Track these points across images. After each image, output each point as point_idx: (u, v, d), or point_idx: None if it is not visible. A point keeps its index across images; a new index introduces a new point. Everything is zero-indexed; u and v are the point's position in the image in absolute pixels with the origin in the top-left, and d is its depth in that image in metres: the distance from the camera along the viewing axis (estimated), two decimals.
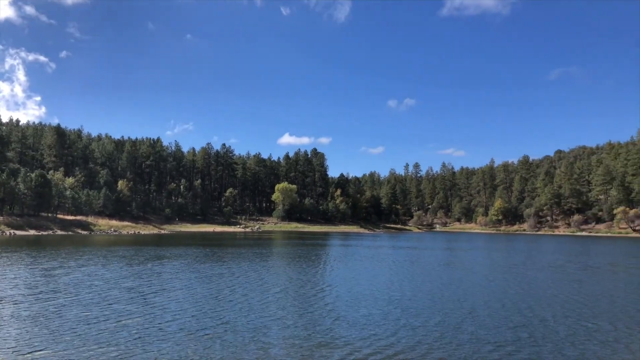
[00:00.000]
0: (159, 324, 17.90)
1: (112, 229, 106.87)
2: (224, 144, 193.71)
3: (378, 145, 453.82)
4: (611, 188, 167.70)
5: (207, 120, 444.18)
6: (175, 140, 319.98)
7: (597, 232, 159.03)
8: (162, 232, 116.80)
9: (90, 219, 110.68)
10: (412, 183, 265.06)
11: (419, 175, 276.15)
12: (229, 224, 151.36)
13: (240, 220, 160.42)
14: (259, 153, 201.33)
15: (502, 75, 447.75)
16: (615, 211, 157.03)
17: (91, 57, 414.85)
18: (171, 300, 22.92)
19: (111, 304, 21.38)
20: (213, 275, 32.28)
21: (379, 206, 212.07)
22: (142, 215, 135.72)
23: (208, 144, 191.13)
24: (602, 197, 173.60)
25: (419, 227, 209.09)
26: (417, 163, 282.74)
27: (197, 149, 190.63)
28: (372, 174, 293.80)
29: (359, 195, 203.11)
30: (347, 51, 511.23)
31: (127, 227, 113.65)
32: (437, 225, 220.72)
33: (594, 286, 30.58)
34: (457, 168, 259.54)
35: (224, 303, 22.45)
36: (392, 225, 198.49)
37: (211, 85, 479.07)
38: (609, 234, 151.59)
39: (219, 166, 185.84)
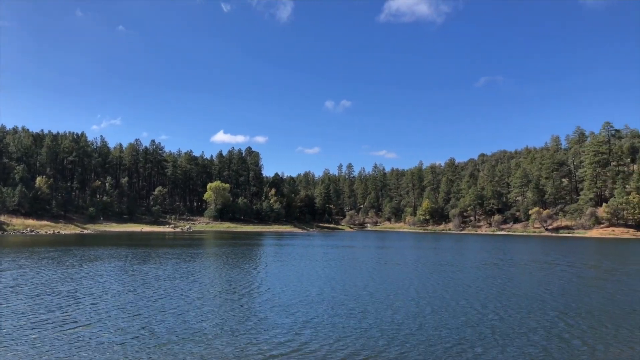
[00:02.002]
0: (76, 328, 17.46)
1: (29, 229, 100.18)
2: (153, 141, 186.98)
3: (314, 145, 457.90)
4: (527, 190, 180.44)
5: (137, 116, 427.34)
6: (101, 135, 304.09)
7: (514, 231, 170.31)
8: (85, 232, 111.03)
9: (3, 218, 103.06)
10: (346, 183, 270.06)
11: (352, 175, 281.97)
12: (158, 223, 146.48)
13: (170, 220, 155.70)
14: (191, 151, 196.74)
15: (434, 81, 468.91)
16: (530, 212, 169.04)
17: (13, 45, 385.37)
18: (92, 303, 22.27)
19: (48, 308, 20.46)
20: (135, 277, 31.53)
21: (312, 206, 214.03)
22: (62, 214, 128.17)
23: (137, 140, 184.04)
24: (519, 198, 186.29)
25: (351, 226, 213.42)
26: (350, 164, 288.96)
27: (125, 144, 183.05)
28: (306, 174, 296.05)
29: (293, 195, 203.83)
30: (287, 51, 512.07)
31: (45, 227, 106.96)
32: (369, 225, 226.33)
33: (529, 280, 33.17)
34: (388, 169, 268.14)
35: (146, 304, 22.15)
36: (325, 225, 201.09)
37: (142, 79, 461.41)
38: (524, 233, 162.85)
39: (147, 163, 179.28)
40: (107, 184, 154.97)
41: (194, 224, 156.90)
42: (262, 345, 15.53)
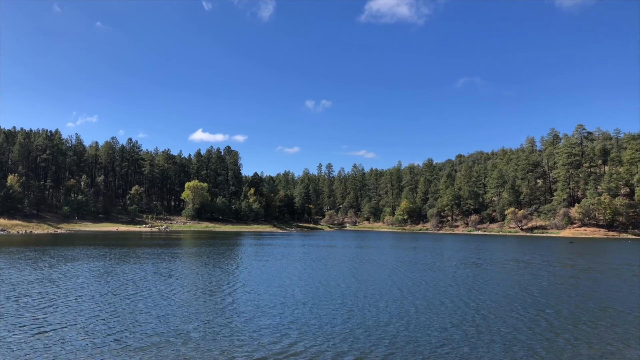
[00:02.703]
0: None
1: (0, 229, 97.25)
2: (130, 139, 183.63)
3: (294, 145, 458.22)
4: (503, 191, 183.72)
5: (114, 113, 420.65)
6: (77, 133, 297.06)
7: (490, 231, 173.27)
8: (59, 231, 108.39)
9: None
10: (325, 183, 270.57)
11: (331, 175, 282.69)
12: (135, 223, 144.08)
13: (147, 220, 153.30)
14: (169, 149, 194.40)
15: (413, 81, 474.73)
16: (506, 212, 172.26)
17: None
18: (70, 305, 21.66)
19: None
20: (114, 278, 30.85)
21: (292, 205, 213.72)
22: (35, 213, 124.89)
23: (113, 138, 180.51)
24: (495, 198, 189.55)
25: (330, 226, 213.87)
26: (330, 164, 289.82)
27: (101, 142, 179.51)
28: (286, 174, 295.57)
29: (272, 195, 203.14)
30: (269, 50, 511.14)
31: (17, 227, 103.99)
32: (348, 224, 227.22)
33: (513, 279, 33.63)
34: (367, 169, 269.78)
35: (127, 305, 21.66)
36: (305, 224, 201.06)
37: (120, 76, 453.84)
38: (500, 233, 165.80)
39: (124, 162, 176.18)
40: (82, 183, 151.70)
41: (171, 223, 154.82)
42: (248, 347, 15.33)
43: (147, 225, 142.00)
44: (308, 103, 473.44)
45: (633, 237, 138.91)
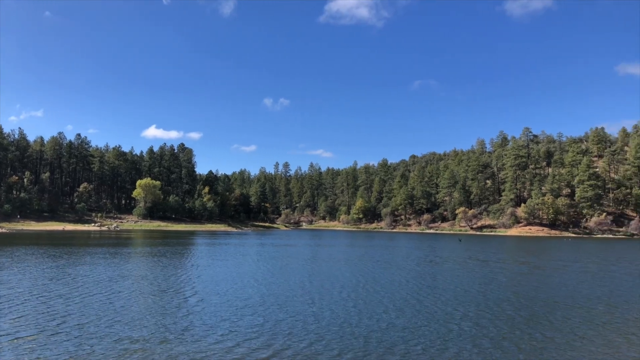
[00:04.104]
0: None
1: None
2: (79, 134, 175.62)
3: (251, 143, 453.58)
4: (454, 191, 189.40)
5: (61, 107, 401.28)
6: (20, 128, 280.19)
7: (442, 230, 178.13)
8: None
9: None
10: (282, 182, 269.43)
11: (288, 174, 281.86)
12: (83, 222, 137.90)
13: (96, 218, 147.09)
14: (120, 146, 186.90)
15: (371, 83, 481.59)
16: (457, 211, 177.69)
17: None
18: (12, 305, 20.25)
19: None
20: (62, 280, 29.20)
21: (248, 204, 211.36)
22: None
23: (60, 133, 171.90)
24: (447, 198, 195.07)
25: (287, 225, 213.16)
26: (286, 162, 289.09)
27: (47, 138, 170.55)
28: (242, 172, 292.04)
29: (228, 193, 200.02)
30: (228, 46, 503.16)
31: None
32: (304, 223, 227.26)
33: (479, 275, 34.35)
34: (324, 168, 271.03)
35: (77, 308, 20.49)
36: (261, 224, 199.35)
37: (69, 68, 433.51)
38: (451, 232, 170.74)
39: (72, 158, 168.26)
40: (25, 180, 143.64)
41: (121, 222, 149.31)
42: (211, 352, 14.80)
43: (96, 225, 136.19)
44: (266, 101, 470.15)
45: (573, 235, 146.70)
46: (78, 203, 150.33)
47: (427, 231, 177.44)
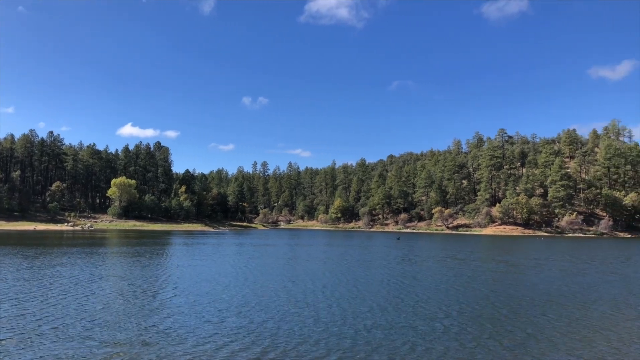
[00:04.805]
0: None
1: None
2: (51, 132, 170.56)
3: (229, 142, 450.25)
4: (431, 190, 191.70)
5: (33, 104, 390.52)
6: None
7: (419, 229, 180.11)
8: None
9: None
10: (260, 181, 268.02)
11: (266, 173, 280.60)
12: (55, 222, 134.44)
13: (69, 218, 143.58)
14: (94, 144, 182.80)
15: (350, 83, 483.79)
16: (433, 211, 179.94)
17: None
18: None
19: None
20: (36, 281, 28.42)
21: (225, 204, 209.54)
22: None
23: (31, 130, 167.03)
24: (423, 198, 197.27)
25: (265, 224, 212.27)
26: (265, 162, 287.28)
27: (18, 135, 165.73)
28: (219, 171, 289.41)
29: (205, 193, 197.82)
30: (207, 44, 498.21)
31: None
32: (282, 223, 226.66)
33: (460, 273, 34.72)
34: (302, 168, 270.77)
35: (55, 311, 19.97)
36: (238, 223, 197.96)
37: (43, 65, 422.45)
38: (428, 231, 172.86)
39: (44, 156, 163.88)
40: None
41: (95, 222, 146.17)
42: (197, 354, 14.62)
43: (69, 224, 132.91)
44: (245, 100, 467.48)
45: (545, 234, 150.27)
46: (50, 202, 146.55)
47: (404, 230, 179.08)
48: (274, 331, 17.34)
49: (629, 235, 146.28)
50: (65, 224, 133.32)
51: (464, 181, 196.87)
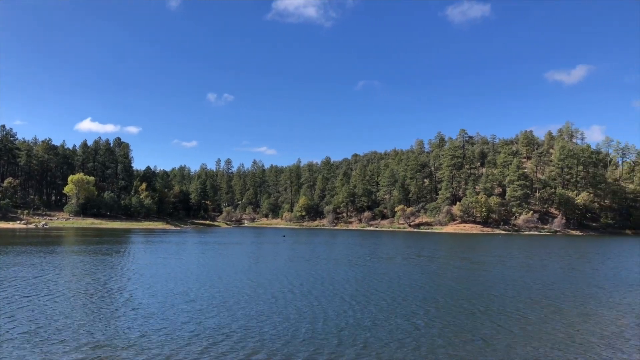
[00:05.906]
0: None
1: None
2: (3, 126, 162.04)
3: (192, 139, 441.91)
4: (394, 189, 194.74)
5: None
6: None
7: (382, 227, 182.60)
8: None
9: None
10: (223, 179, 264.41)
11: (230, 171, 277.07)
12: (7, 219, 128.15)
13: (22, 215, 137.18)
14: (50, 139, 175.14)
15: (316, 82, 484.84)
16: (396, 209, 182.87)
17: None
18: None
19: None
20: None
21: (187, 202, 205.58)
22: None
23: None
24: (387, 196, 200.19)
25: (228, 222, 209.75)
26: (229, 159, 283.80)
27: None
28: (182, 168, 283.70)
29: (166, 190, 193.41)
30: (172, 39, 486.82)
31: None
32: (246, 221, 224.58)
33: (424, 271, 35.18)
34: (267, 166, 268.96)
35: (17, 310, 19.04)
36: (201, 222, 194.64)
37: None
38: (390, 229, 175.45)
39: None
40: None
41: (51, 219, 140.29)
42: (180, 357, 14.29)
43: (22, 222, 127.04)
44: (210, 96, 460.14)
45: (503, 232, 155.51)
46: (2, 199, 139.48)
47: (368, 228, 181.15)
48: (258, 330, 17.14)
49: (580, 233, 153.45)
50: (18, 222, 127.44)
51: (425, 180, 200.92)
